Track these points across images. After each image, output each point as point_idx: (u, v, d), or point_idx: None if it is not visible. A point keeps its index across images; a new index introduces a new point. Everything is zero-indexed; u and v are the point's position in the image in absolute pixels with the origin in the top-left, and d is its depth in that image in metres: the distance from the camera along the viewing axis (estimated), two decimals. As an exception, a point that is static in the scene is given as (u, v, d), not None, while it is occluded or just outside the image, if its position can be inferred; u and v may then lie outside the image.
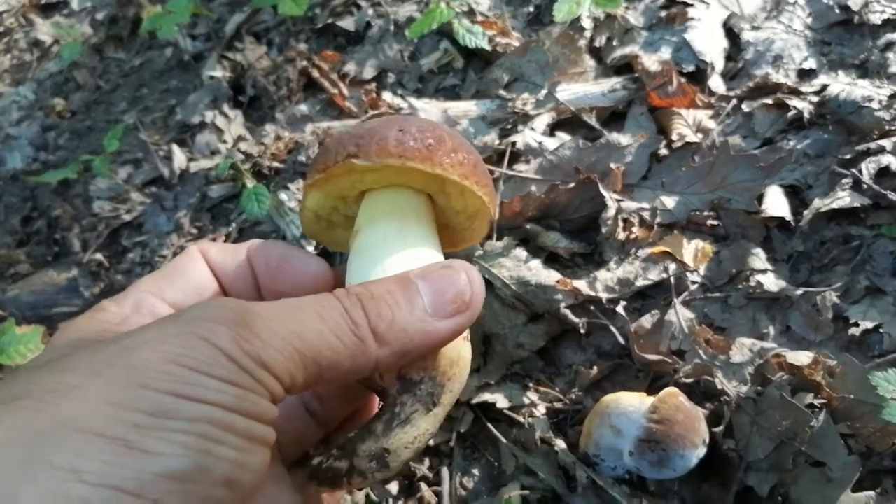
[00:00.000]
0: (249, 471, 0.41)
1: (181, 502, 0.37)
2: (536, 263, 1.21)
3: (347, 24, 1.80)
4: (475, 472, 1.14)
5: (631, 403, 1.02)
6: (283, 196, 1.49)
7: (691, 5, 1.52)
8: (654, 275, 1.19)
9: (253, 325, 0.43)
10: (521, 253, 1.23)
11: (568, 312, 1.17)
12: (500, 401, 1.15)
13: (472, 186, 0.57)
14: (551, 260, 1.26)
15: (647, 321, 1.16)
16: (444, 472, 1.14)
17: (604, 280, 1.20)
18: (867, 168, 1.20)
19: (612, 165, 1.29)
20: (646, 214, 1.26)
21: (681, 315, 1.14)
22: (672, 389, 1.01)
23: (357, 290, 0.49)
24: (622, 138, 1.32)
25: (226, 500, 0.40)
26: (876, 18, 1.43)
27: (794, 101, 1.32)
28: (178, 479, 0.37)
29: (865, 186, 1.18)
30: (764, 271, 1.17)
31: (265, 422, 0.43)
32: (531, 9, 1.70)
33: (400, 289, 0.50)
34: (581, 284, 1.18)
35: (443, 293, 0.50)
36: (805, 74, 1.41)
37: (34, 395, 0.38)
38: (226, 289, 0.61)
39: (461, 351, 0.56)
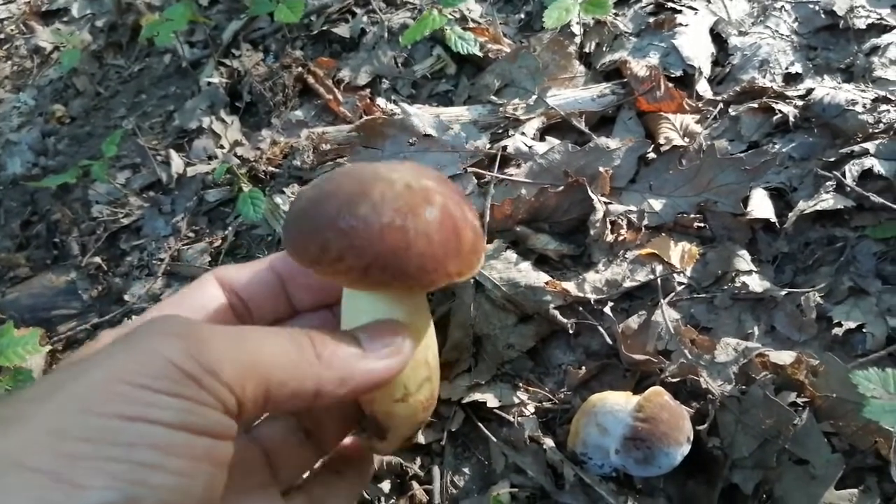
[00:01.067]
0: (192, 496, 0.40)
1: None
2: (526, 265, 1.23)
3: (342, 31, 1.83)
4: (466, 470, 1.16)
5: (617, 402, 1.04)
6: (278, 200, 1.51)
7: (679, 11, 1.54)
8: (642, 276, 1.21)
9: (202, 336, 0.42)
10: (511, 255, 1.25)
11: (557, 313, 1.19)
12: (491, 400, 1.17)
13: (386, 292, 0.55)
14: (541, 262, 1.28)
15: (634, 322, 1.18)
16: (436, 470, 1.16)
17: (592, 281, 1.22)
18: (850, 171, 1.22)
19: (601, 169, 1.31)
20: (633, 217, 1.28)
21: (667, 315, 1.16)
22: (657, 388, 1.03)
23: (307, 331, 0.50)
24: (611, 142, 1.35)
25: None
26: (861, 23, 1.46)
27: (780, 105, 1.35)
28: None
29: (849, 189, 1.20)
30: (749, 272, 1.19)
31: (215, 436, 0.42)
32: (522, 15, 1.73)
33: (342, 333, 0.52)
34: (570, 286, 1.20)
35: (377, 338, 0.52)
36: (791, 78, 1.44)
37: None
38: (248, 305, 0.60)
39: (393, 409, 0.58)
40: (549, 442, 1.12)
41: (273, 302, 0.61)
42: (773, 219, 1.22)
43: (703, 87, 1.45)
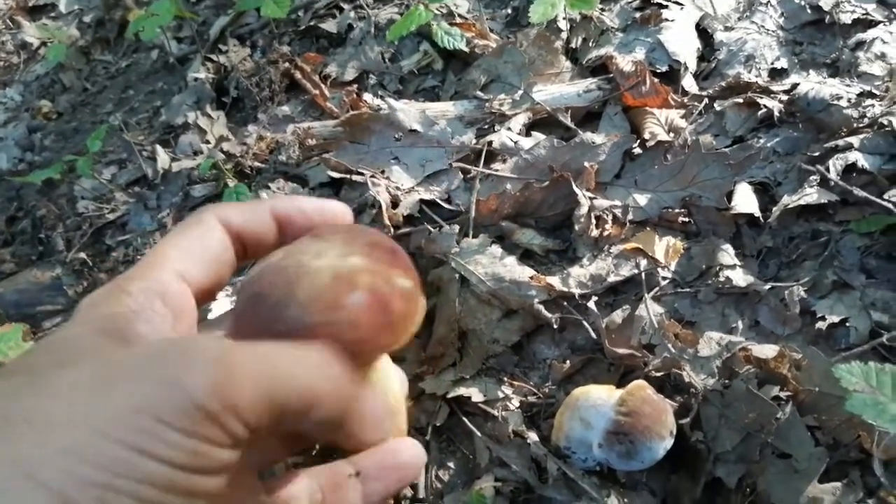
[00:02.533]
0: None
1: None
2: (511, 260, 1.23)
3: (330, 26, 1.82)
4: (450, 464, 1.16)
5: (600, 396, 1.04)
6: (263, 195, 1.50)
7: (665, 7, 1.54)
8: (626, 271, 1.21)
9: (233, 370, 0.41)
10: (496, 250, 1.25)
11: (541, 308, 1.19)
12: (475, 395, 1.16)
13: None
14: (526, 257, 1.28)
15: (618, 316, 1.18)
16: (420, 465, 1.16)
17: (577, 276, 1.22)
18: (835, 165, 1.22)
19: (586, 164, 1.31)
20: (618, 212, 1.28)
21: (651, 310, 1.16)
22: (640, 382, 1.03)
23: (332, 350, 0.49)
24: (596, 137, 1.35)
25: None
26: (847, 18, 1.46)
27: (765, 100, 1.35)
28: None
29: (833, 183, 1.21)
30: (733, 267, 1.19)
31: (216, 473, 0.42)
32: (509, 11, 1.72)
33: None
34: (554, 280, 1.20)
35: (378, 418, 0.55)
36: (776, 74, 1.44)
37: (10, 416, 0.38)
38: (246, 246, 0.58)
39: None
40: (533, 436, 1.12)
41: (270, 247, 0.58)
42: (758, 213, 1.22)
43: (688, 83, 1.45)
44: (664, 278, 1.21)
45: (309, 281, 0.50)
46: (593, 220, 1.25)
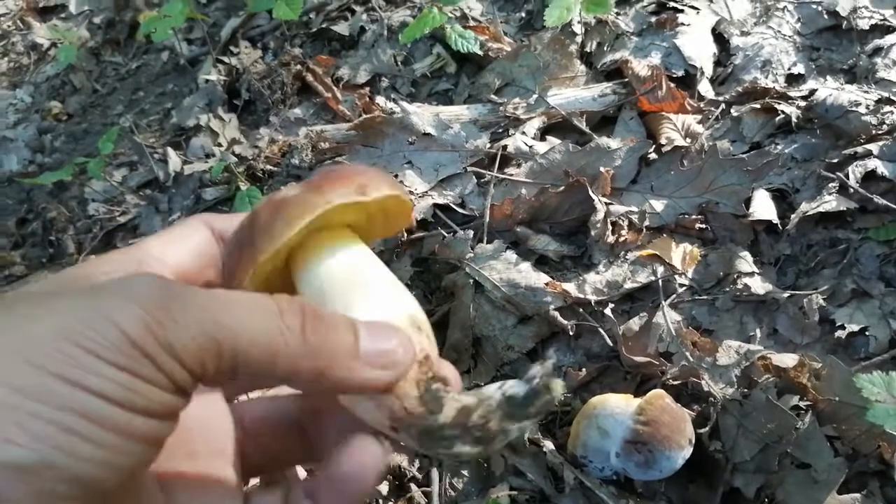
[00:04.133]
0: (115, 470, 0.39)
1: (20, 493, 0.35)
2: (526, 266, 1.22)
3: (342, 28, 1.82)
4: (464, 472, 1.15)
5: (618, 405, 1.03)
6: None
7: (681, 11, 1.53)
8: (643, 277, 1.20)
9: (171, 308, 0.40)
10: (511, 256, 1.24)
11: (557, 314, 1.18)
12: (490, 402, 1.15)
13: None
14: (541, 262, 1.27)
15: (635, 323, 1.17)
16: (434, 472, 1.15)
17: (592, 282, 1.21)
18: (854, 172, 1.21)
19: (602, 169, 1.30)
20: (634, 218, 1.27)
21: (668, 317, 1.15)
22: (658, 391, 1.02)
23: (303, 302, 0.46)
24: (612, 142, 1.34)
25: (73, 497, 0.37)
26: (864, 24, 1.45)
27: (783, 106, 1.34)
28: (18, 471, 0.35)
29: (852, 190, 1.20)
30: (751, 274, 1.18)
31: (158, 416, 0.40)
32: (523, 14, 1.72)
33: (344, 321, 0.47)
34: (570, 287, 1.19)
35: (379, 342, 0.47)
36: (793, 79, 1.43)
37: None
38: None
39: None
40: (548, 444, 1.11)
41: None
42: (776, 220, 1.21)
43: (704, 88, 1.44)
44: (681, 285, 1.20)
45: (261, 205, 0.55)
46: (609, 226, 1.24)
